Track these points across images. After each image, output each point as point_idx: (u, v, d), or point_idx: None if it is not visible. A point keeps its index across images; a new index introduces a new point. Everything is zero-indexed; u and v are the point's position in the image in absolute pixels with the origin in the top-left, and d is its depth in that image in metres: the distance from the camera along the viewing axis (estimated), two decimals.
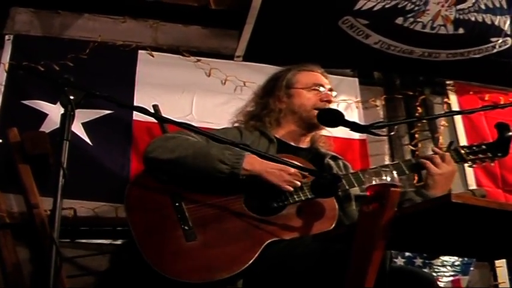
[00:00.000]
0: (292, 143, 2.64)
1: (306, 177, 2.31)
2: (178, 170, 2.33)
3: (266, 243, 2.19)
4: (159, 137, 2.59)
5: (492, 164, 2.55)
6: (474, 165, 2.55)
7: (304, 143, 2.69)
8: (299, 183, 2.29)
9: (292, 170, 2.27)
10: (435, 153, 2.45)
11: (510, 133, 2.39)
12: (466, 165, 2.53)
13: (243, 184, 2.30)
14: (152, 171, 2.40)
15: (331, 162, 2.61)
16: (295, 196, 2.31)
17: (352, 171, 2.68)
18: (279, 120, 2.66)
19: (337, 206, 2.33)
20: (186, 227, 2.23)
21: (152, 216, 2.29)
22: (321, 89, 2.67)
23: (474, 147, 2.47)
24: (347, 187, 2.39)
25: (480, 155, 2.45)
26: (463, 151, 2.46)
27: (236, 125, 2.75)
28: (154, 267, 2.13)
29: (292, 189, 2.28)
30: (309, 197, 2.30)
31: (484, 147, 2.46)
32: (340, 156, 2.76)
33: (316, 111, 2.57)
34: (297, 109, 2.65)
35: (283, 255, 2.11)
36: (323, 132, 2.79)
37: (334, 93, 2.74)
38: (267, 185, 2.28)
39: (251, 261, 2.13)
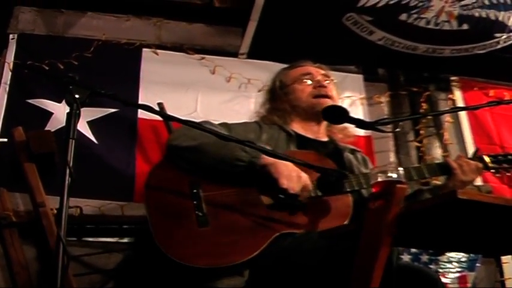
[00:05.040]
0: (311, 136, 2.67)
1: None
2: (199, 157, 2.35)
3: (275, 235, 2.19)
4: (183, 126, 2.62)
5: None
6: (497, 174, 2.57)
7: (322, 135, 2.72)
8: (296, 189, 2.23)
9: (304, 177, 2.24)
10: (460, 159, 2.46)
11: None
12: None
13: (258, 176, 2.29)
14: (173, 159, 2.42)
15: (350, 156, 2.64)
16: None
17: (371, 165, 2.75)
18: (290, 117, 2.71)
19: (351, 204, 2.32)
20: (200, 213, 2.25)
21: (169, 199, 2.32)
22: (311, 78, 2.74)
23: (499, 157, 2.49)
24: (365, 186, 2.39)
25: (505, 165, 2.47)
26: (487, 159, 2.47)
27: (255, 119, 2.79)
28: (163, 248, 2.15)
29: (286, 186, 2.22)
30: (319, 194, 2.30)
31: (510, 157, 2.48)
32: (358, 149, 2.79)
33: (315, 99, 2.66)
34: (296, 103, 2.71)
35: (290, 250, 2.12)
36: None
37: (329, 81, 2.77)
38: (271, 175, 2.25)
39: (257, 251, 2.14)
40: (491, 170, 2.49)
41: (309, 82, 2.74)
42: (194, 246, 2.17)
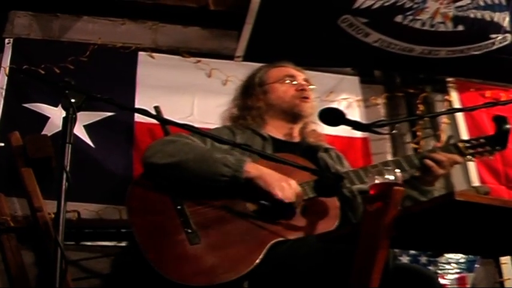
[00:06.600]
0: (283, 138, 2.65)
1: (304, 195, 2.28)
2: (179, 174, 2.29)
3: (270, 243, 2.17)
4: (158, 140, 2.55)
5: (491, 158, 2.54)
6: (473, 159, 2.56)
7: (294, 137, 2.70)
8: (291, 197, 2.21)
9: (293, 184, 2.23)
10: (436, 151, 2.44)
11: (508, 126, 2.39)
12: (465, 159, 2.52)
13: (244, 189, 2.26)
14: (152, 176, 2.37)
15: (324, 155, 2.62)
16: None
17: (346, 163, 2.72)
18: (262, 117, 2.68)
19: (338, 205, 2.32)
20: (189, 230, 2.20)
21: (154, 219, 2.27)
22: (294, 80, 2.72)
23: (473, 141, 2.47)
24: (348, 185, 2.37)
25: (479, 149, 2.45)
26: (461, 145, 2.45)
27: (226, 124, 2.76)
28: (160, 271, 2.12)
29: (281, 196, 2.20)
30: (311, 196, 2.29)
31: (482, 140, 2.46)
32: (331, 147, 2.76)
33: (298, 101, 2.65)
34: (275, 103, 2.69)
35: (287, 256, 2.10)
36: (312, 126, 2.79)
37: (311, 87, 2.76)
38: (261, 188, 2.23)
39: (256, 262, 2.12)
40: (467, 156, 2.47)
41: (291, 84, 2.71)
42: (190, 265, 2.13)
